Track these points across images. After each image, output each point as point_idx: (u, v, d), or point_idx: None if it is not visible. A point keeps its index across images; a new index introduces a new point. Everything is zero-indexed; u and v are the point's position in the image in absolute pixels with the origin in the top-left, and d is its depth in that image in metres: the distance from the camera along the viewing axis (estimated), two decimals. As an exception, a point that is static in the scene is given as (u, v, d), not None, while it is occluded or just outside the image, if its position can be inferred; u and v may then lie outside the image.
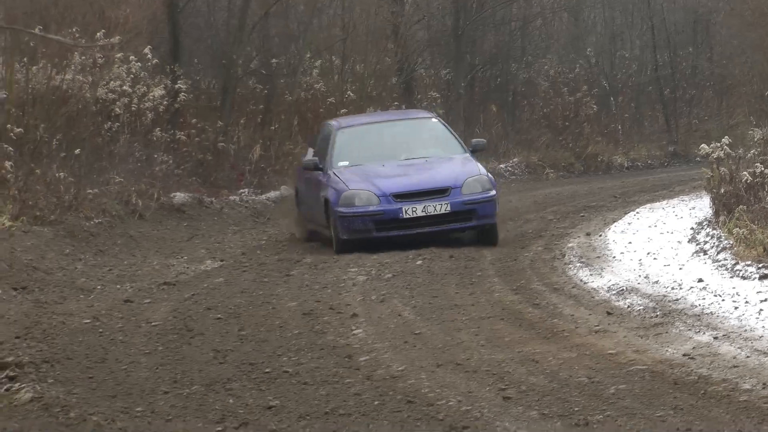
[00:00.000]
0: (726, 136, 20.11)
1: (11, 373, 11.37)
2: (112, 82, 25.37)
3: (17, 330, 13.79)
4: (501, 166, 33.41)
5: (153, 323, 14.39)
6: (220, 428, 9.85)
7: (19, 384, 11.04)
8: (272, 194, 26.40)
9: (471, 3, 33.92)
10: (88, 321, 14.53)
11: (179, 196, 24.37)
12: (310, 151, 22.37)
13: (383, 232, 19.50)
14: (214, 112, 27.37)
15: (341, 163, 20.67)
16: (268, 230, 23.56)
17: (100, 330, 14.04)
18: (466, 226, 19.92)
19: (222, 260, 19.55)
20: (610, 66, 38.59)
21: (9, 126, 22.11)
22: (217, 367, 12.02)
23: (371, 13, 32.66)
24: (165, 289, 16.77)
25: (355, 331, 13.46)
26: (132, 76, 25.60)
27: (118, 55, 25.31)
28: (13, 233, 19.42)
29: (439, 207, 19.48)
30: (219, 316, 14.81)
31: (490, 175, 20.68)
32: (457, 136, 21.83)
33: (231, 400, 10.71)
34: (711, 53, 39.27)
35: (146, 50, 25.87)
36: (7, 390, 10.89)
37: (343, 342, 13.06)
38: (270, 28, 29.44)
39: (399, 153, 21.13)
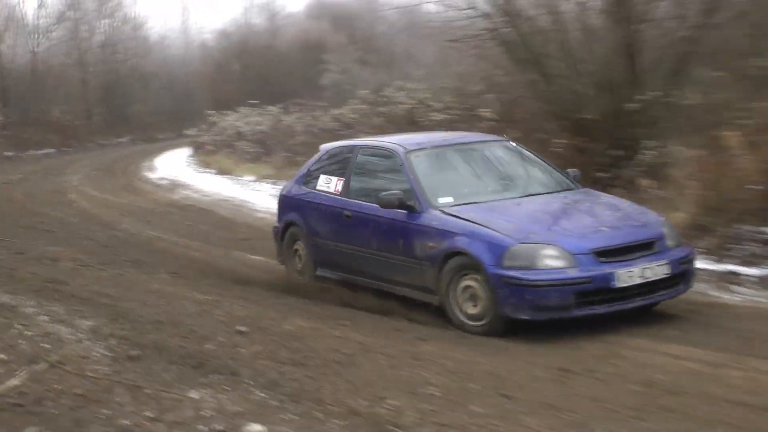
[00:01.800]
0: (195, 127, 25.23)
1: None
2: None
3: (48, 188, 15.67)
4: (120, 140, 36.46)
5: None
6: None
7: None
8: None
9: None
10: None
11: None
12: (324, 177, 8.90)
13: (587, 308, 6.86)
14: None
15: (443, 200, 7.68)
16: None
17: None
18: (675, 295, 7.29)
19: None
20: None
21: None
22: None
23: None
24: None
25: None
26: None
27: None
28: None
29: (658, 269, 7.07)
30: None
31: None
32: (551, 164, 8.65)
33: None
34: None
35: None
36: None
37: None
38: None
39: (503, 186, 8.08)
